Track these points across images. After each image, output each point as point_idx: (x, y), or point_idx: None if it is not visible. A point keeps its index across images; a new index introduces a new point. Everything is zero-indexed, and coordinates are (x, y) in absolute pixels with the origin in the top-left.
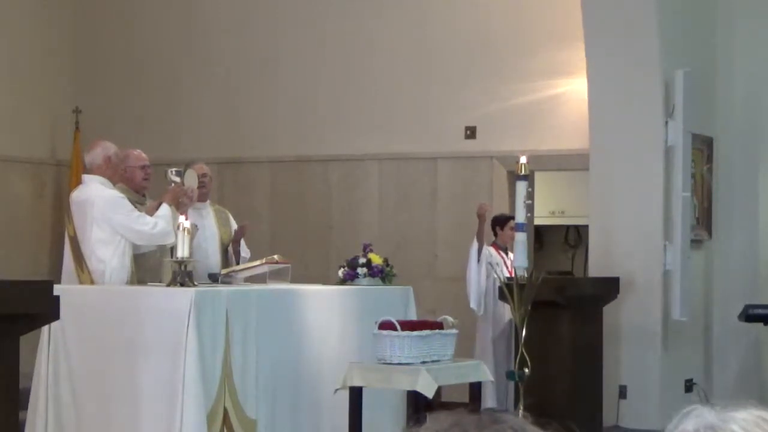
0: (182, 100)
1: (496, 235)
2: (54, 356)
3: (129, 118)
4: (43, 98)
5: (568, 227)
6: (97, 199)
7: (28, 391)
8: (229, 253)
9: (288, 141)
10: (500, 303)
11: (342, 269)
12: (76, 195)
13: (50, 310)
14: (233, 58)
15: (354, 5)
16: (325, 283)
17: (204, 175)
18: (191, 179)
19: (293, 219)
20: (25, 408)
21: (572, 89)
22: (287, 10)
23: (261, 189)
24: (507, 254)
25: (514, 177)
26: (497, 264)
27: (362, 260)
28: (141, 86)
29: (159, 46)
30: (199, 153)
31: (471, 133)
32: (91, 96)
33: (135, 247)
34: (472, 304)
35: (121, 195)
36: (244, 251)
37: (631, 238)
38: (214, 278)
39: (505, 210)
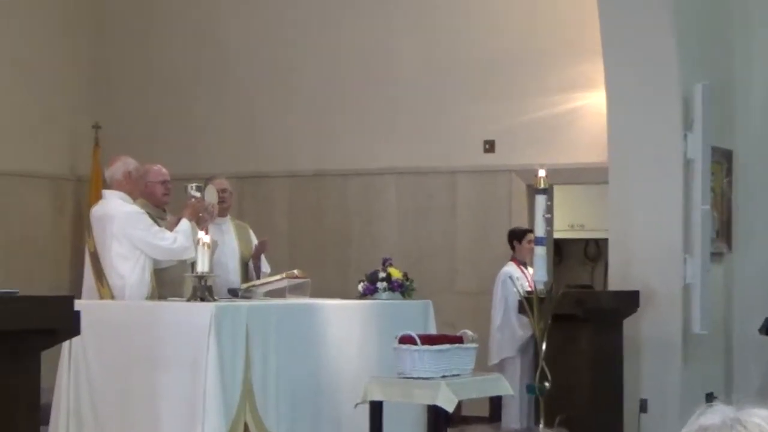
0: (201, 116)
1: (513, 249)
2: (74, 371)
3: (148, 134)
4: (62, 114)
5: (587, 240)
6: (117, 215)
7: (49, 406)
8: (249, 267)
9: (307, 155)
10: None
11: (361, 283)
12: (97, 210)
13: (71, 326)
14: (252, 73)
15: (373, 19)
16: (344, 297)
17: (224, 191)
18: (211, 195)
19: (312, 233)
20: (47, 423)
21: (591, 103)
22: (306, 24)
23: (280, 203)
24: (526, 268)
25: (532, 191)
26: (517, 278)
27: (382, 274)
28: (160, 102)
29: (178, 62)
30: (219, 168)
31: (490, 146)
32: (110, 112)
33: (155, 262)
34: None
35: (141, 210)
36: (265, 266)
37: (651, 252)
38: (234, 293)
39: (523, 223)
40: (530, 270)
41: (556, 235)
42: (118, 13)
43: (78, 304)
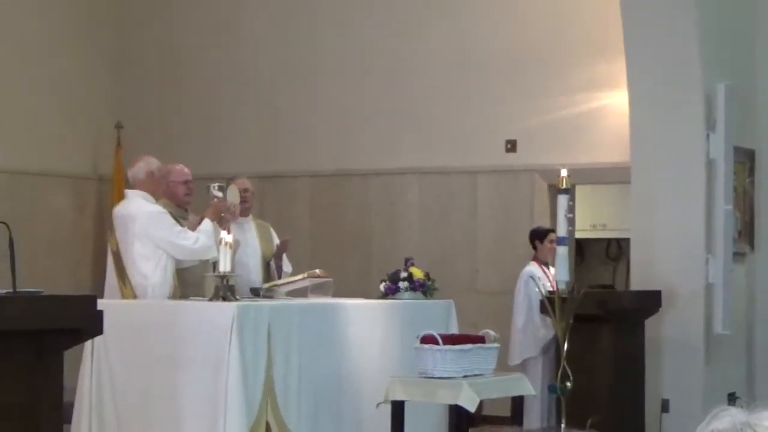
0: (223, 115)
1: (535, 248)
2: (97, 370)
3: (170, 133)
4: (85, 114)
5: (609, 240)
6: (140, 214)
7: (71, 405)
8: (271, 267)
9: (328, 155)
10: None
11: (383, 283)
12: (119, 210)
13: (94, 325)
14: (273, 72)
15: (394, 19)
16: (365, 296)
17: (246, 190)
18: (233, 195)
19: (333, 233)
20: (69, 422)
21: (613, 102)
22: (328, 23)
23: (301, 203)
24: (548, 267)
25: (554, 190)
26: (539, 278)
27: (404, 274)
28: (182, 101)
29: (199, 62)
30: (240, 167)
31: (511, 146)
32: (132, 111)
33: (177, 261)
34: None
35: (164, 210)
36: (286, 265)
37: (673, 252)
38: (255, 293)
39: (545, 223)
40: (552, 270)
41: (578, 235)
42: (141, 12)
43: (100, 304)
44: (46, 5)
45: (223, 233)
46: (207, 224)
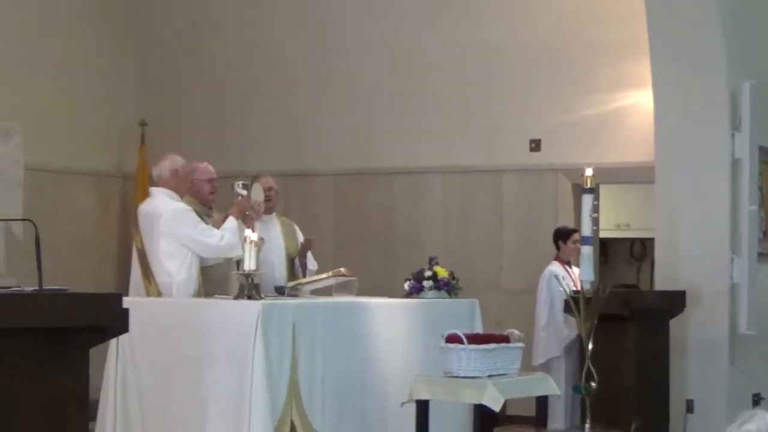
0: (247, 113)
1: (558, 248)
2: (122, 368)
3: (194, 131)
4: (109, 112)
5: (633, 240)
6: (164, 212)
7: (96, 403)
8: (295, 265)
9: (352, 153)
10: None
11: (408, 282)
12: (144, 207)
13: (119, 323)
14: (297, 70)
15: (419, 18)
16: (389, 295)
17: (270, 189)
18: (258, 193)
19: (357, 231)
20: (94, 419)
21: (638, 102)
22: (352, 22)
23: (325, 201)
24: (570, 267)
25: (579, 190)
26: (563, 278)
27: (428, 273)
28: (206, 99)
29: (223, 60)
30: (265, 165)
31: (536, 145)
32: (156, 109)
33: (202, 259)
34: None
35: (188, 208)
36: (311, 263)
37: (698, 251)
38: (280, 291)
39: (569, 223)
40: (574, 269)
41: (602, 235)
42: (165, 10)
43: (126, 302)
44: (72, 5)
45: (248, 231)
46: (232, 222)
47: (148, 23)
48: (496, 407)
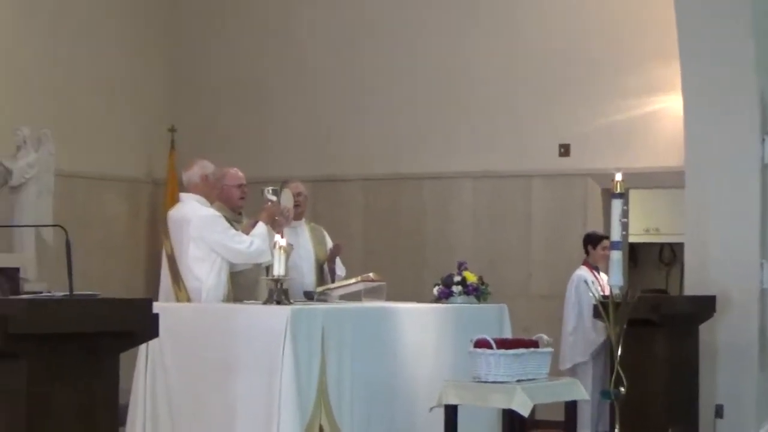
0: (276, 119)
1: (587, 253)
2: (151, 373)
3: (224, 137)
4: (138, 118)
5: (662, 245)
6: (194, 218)
7: (126, 407)
8: (324, 271)
9: (381, 159)
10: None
11: (437, 287)
12: (174, 213)
13: (149, 328)
14: (327, 76)
15: (448, 23)
16: (418, 300)
17: (299, 194)
18: (287, 199)
19: (386, 237)
20: (124, 423)
21: (667, 106)
22: (382, 27)
23: (354, 207)
24: (598, 272)
25: (608, 195)
26: (592, 282)
27: (457, 278)
28: (236, 105)
29: (253, 65)
30: (294, 171)
31: (565, 150)
32: (186, 115)
33: (231, 265)
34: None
35: (218, 213)
36: (340, 269)
37: (727, 256)
38: (309, 296)
39: (599, 228)
40: (602, 275)
41: (631, 239)
42: (195, 17)
43: (155, 307)
44: (102, 12)
45: (277, 237)
46: (261, 228)
47: (177, 31)
48: (525, 412)
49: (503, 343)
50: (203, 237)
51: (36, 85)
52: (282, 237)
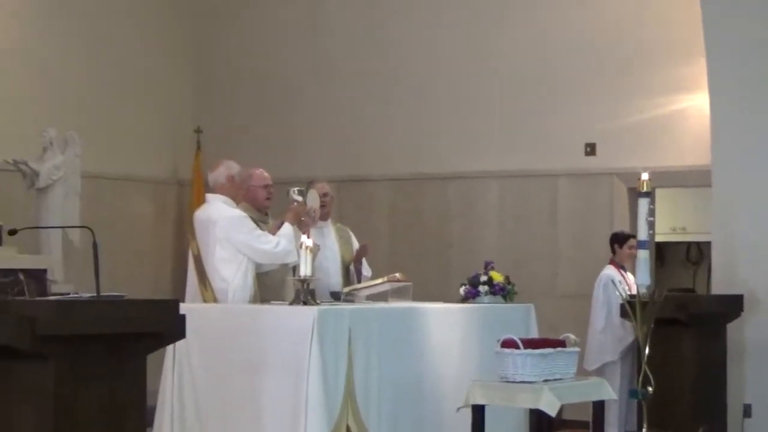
0: (302, 120)
1: (614, 252)
2: (178, 374)
3: (249, 138)
4: (164, 119)
5: (689, 244)
6: (220, 219)
7: (153, 409)
8: (350, 271)
9: (407, 159)
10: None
11: (463, 287)
12: (200, 214)
13: (176, 329)
14: (352, 76)
15: (474, 23)
16: (444, 300)
17: (325, 195)
18: (313, 199)
19: (412, 237)
20: (151, 425)
21: (694, 105)
22: (408, 27)
23: (380, 207)
24: (625, 271)
25: (634, 194)
26: (619, 282)
27: (483, 278)
28: (261, 106)
29: (279, 66)
30: (320, 171)
31: (591, 149)
32: (212, 116)
33: (258, 265)
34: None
35: (244, 214)
36: (366, 270)
37: (755, 255)
38: (336, 297)
39: (625, 227)
40: (629, 274)
41: (658, 239)
42: (221, 17)
43: (182, 308)
44: (125, 10)
45: (304, 237)
46: (287, 228)
47: (203, 32)
48: (553, 412)
49: (530, 343)
50: (229, 238)
51: (62, 86)
52: (308, 237)
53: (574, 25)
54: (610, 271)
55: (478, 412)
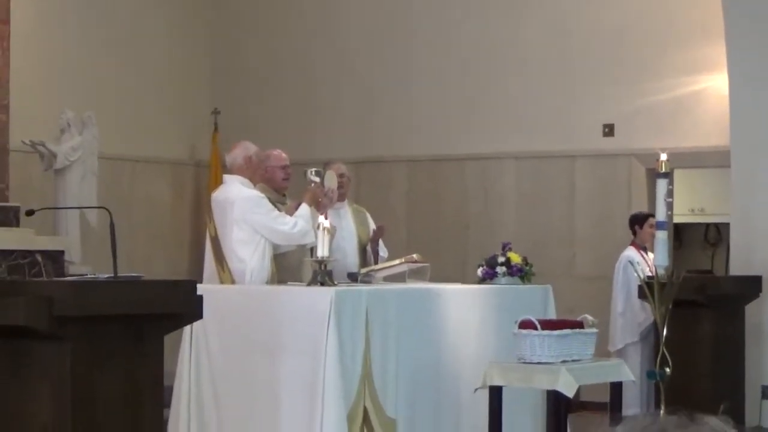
0: (320, 100)
1: (634, 233)
2: (195, 356)
3: (267, 119)
4: (182, 100)
5: (707, 225)
6: (238, 199)
7: (170, 389)
8: (367, 252)
9: (424, 140)
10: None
11: (481, 268)
12: (217, 195)
13: (194, 310)
14: (370, 58)
15: (493, 4)
16: (461, 281)
17: (342, 176)
18: (331, 180)
19: (429, 218)
20: (168, 405)
21: (713, 85)
22: (426, 9)
23: (397, 188)
24: (646, 252)
25: (653, 175)
26: (638, 263)
27: (501, 259)
28: (279, 87)
29: (296, 47)
30: (337, 152)
31: (609, 130)
32: (229, 97)
33: (275, 246)
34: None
35: (262, 195)
36: (383, 251)
37: None
38: (353, 277)
39: (643, 208)
40: (650, 255)
41: (676, 220)
42: (239, 1)
43: (200, 289)
44: None
45: (321, 218)
46: (304, 209)
47: (221, 13)
48: (570, 393)
49: (548, 324)
50: (246, 219)
51: (80, 68)
52: (326, 218)
53: (592, 5)
54: (630, 252)
55: (496, 393)
